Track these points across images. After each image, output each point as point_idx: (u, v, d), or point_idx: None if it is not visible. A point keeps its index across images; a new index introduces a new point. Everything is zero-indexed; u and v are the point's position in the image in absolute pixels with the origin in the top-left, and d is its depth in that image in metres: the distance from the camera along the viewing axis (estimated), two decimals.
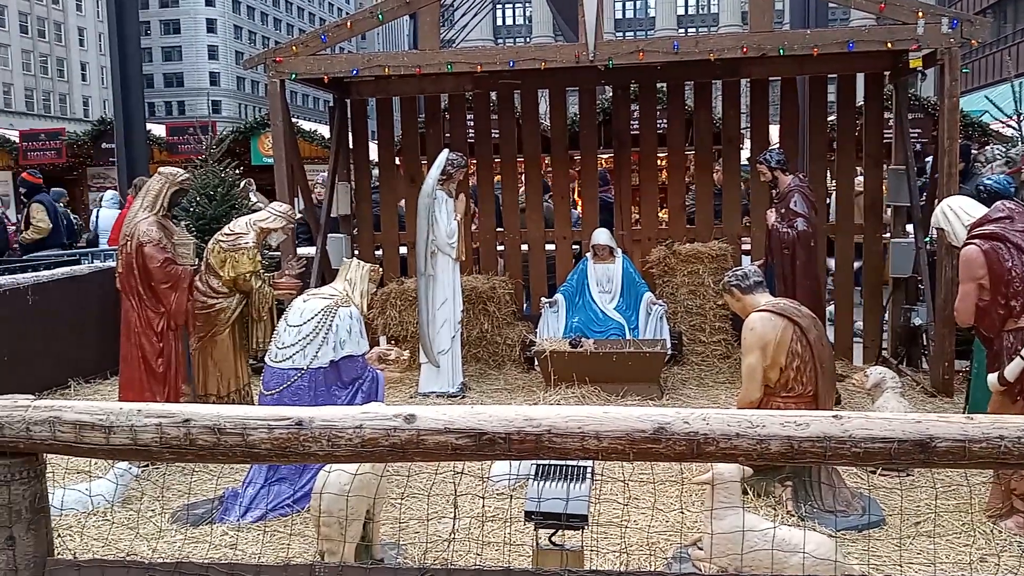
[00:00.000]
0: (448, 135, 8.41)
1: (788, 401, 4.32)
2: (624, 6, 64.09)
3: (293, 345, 4.38)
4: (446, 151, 6.73)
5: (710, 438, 2.23)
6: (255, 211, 6.00)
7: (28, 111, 62.59)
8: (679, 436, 2.24)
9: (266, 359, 4.52)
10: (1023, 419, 2.15)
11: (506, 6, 63.84)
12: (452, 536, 3.20)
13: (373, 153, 8.97)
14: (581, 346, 6.70)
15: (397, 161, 8.74)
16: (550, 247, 8.35)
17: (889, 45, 6.36)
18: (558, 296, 7.48)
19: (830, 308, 7.94)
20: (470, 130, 8.54)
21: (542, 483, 2.85)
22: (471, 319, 7.46)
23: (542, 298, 7.64)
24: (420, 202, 6.53)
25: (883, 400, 5.19)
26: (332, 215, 8.11)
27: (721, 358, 7.51)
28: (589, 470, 2.94)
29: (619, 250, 7.62)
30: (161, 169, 5.42)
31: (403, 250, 8.29)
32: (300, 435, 2.34)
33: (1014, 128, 6.57)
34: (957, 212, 4.25)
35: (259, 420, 2.34)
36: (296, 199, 7.67)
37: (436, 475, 3.98)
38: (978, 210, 4.20)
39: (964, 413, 5.58)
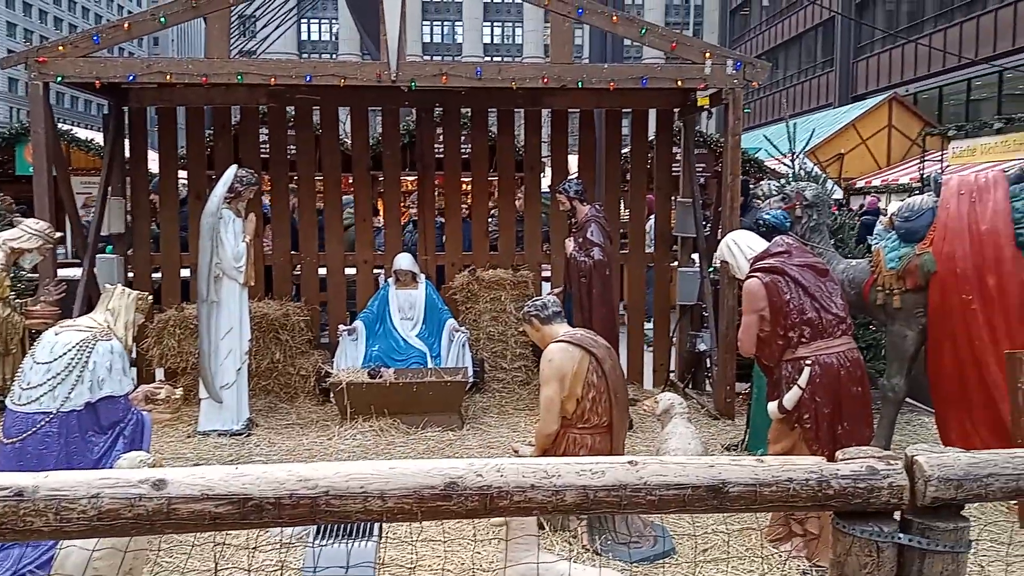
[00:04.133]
0: (240, 150, 7.88)
1: (584, 432, 4.30)
2: (432, 30, 64.56)
3: (41, 385, 3.80)
4: (234, 167, 6.26)
5: (504, 491, 2.07)
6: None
7: None
8: (471, 491, 2.06)
9: (7, 401, 3.90)
10: (811, 460, 2.16)
11: (312, 21, 62.35)
12: None
13: (154, 166, 8.24)
14: (380, 376, 6.43)
15: (182, 176, 8.09)
16: (351, 271, 8.03)
17: (679, 83, 6.66)
18: (357, 323, 7.17)
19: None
20: (264, 145, 8.06)
21: (322, 543, 2.57)
22: (261, 348, 6.97)
23: (340, 325, 7.29)
24: (203, 222, 6.01)
25: (672, 426, 5.33)
26: (103, 233, 7.34)
27: (522, 384, 7.50)
28: (377, 525, 2.70)
29: (422, 275, 7.44)
30: None
31: (185, 273, 7.63)
32: (20, 508, 1.92)
33: (788, 165, 7.06)
34: (740, 246, 4.43)
35: None
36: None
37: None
38: (759, 244, 4.40)
39: (745, 436, 5.89)
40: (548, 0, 6.28)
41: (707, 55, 6.41)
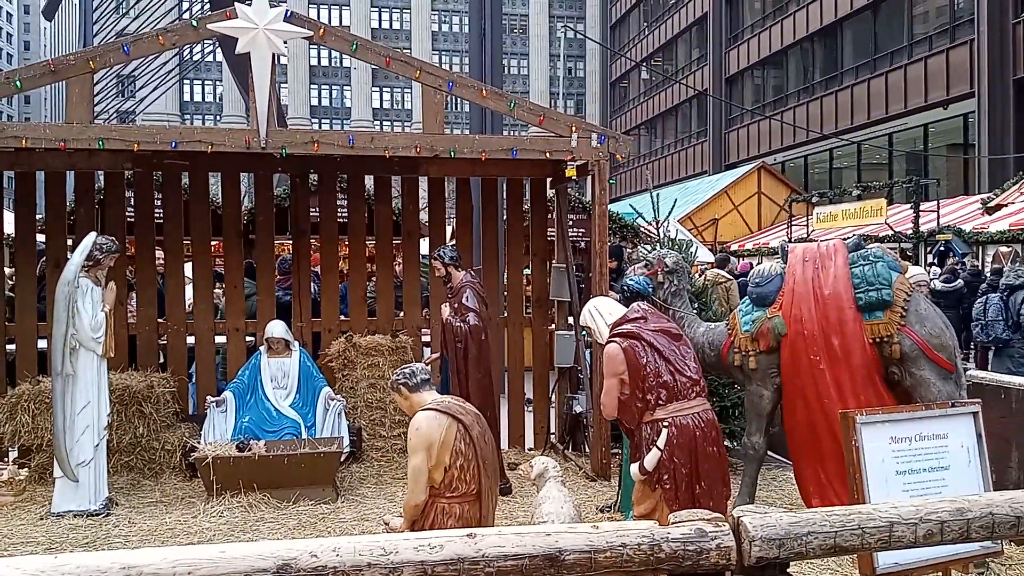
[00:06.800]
0: (104, 215, 7.62)
1: (453, 501, 4.26)
2: (320, 94, 64.47)
3: None
4: (93, 234, 6.03)
5: (340, 571, 2.04)
6: None
7: None
8: (306, 572, 2.02)
9: None
10: (643, 525, 2.24)
11: (195, 82, 61.27)
12: None
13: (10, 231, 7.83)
14: (250, 449, 6.22)
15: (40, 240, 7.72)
16: (220, 339, 7.80)
17: (548, 155, 6.90)
18: (226, 393, 6.93)
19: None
20: (130, 209, 7.81)
21: None
22: (123, 422, 6.64)
23: (208, 396, 7.03)
24: (58, 291, 5.73)
25: (546, 490, 5.36)
26: None
27: (401, 452, 7.38)
28: None
29: (296, 343, 7.30)
30: None
31: (42, 344, 7.23)
32: None
33: (653, 234, 7.38)
34: (601, 312, 4.59)
35: None
36: None
37: None
38: (618, 310, 4.57)
39: (617, 497, 5.99)
40: (418, 73, 6.42)
41: (573, 129, 6.68)
